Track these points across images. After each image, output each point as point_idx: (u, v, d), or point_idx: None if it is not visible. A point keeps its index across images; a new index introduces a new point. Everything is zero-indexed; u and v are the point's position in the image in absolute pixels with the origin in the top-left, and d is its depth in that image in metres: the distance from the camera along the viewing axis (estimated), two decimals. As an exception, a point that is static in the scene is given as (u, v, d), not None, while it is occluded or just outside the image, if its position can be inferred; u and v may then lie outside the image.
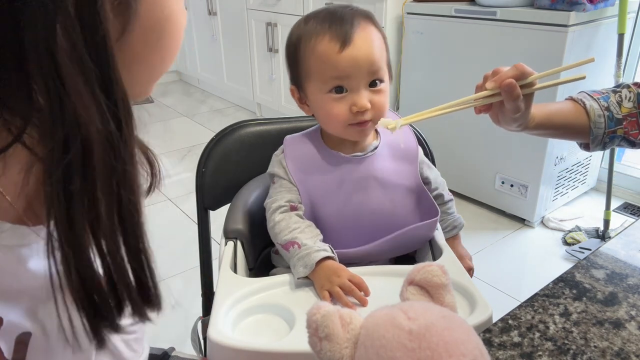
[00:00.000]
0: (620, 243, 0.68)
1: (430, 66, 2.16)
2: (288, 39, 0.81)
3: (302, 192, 0.81)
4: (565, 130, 0.83)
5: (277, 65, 3.09)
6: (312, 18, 0.79)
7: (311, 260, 0.71)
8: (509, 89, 0.67)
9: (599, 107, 0.82)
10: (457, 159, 2.20)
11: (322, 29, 0.75)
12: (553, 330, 0.53)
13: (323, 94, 0.77)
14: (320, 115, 0.80)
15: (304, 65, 0.78)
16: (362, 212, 0.81)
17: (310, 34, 0.76)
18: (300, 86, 0.81)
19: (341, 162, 0.81)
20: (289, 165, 0.82)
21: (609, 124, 0.82)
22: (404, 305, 0.39)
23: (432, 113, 0.71)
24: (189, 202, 2.38)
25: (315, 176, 0.81)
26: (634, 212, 2.16)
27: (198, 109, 3.79)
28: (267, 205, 0.82)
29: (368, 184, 0.81)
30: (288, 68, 0.83)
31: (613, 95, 0.84)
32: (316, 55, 0.75)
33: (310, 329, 0.39)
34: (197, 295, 0.99)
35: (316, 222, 0.81)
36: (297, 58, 0.78)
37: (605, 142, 0.83)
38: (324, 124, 0.82)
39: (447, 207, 0.93)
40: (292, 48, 0.79)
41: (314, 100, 0.79)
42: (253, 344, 0.62)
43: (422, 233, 0.83)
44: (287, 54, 0.82)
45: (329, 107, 0.77)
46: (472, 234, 2.04)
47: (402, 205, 0.83)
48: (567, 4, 1.73)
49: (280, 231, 0.77)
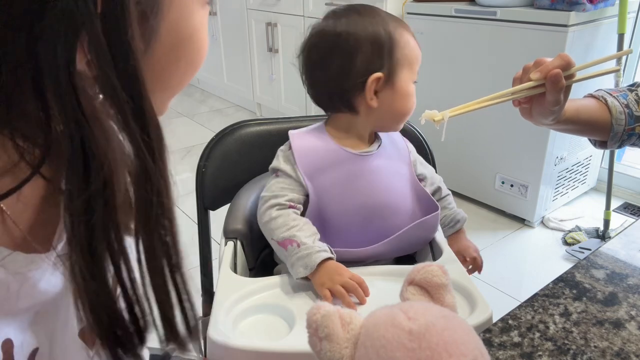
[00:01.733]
0: (620, 243, 0.68)
1: (430, 66, 2.15)
2: (365, 30, 0.78)
3: (310, 188, 0.79)
4: (588, 127, 0.83)
5: (277, 65, 3.09)
6: (368, 12, 0.80)
7: (312, 262, 0.71)
8: (555, 79, 0.67)
9: (619, 104, 0.82)
10: (457, 159, 2.20)
11: (398, 24, 0.80)
12: (553, 330, 0.53)
13: (412, 82, 0.81)
14: (405, 104, 0.81)
15: (402, 53, 0.79)
16: (367, 208, 0.80)
17: (396, 25, 0.79)
18: (390, 74, 0.79)
19: (350, 158, 0.81)
20: (298, 161, 0.80)
21: (629, 121, 0.82)
22: (404, 305, 0.39)
23: (475, 105, 0.71)
24: (189, 202, 2.38)
25: (325, 171, 0.80)
26: (634, 212, 2.16)
27: (198, 109, 3.79)
28: (265, 199, 0.80)
29: (374, 180, 0.81)
30: (366, 59, 0.78)
31: (630, 93, 0.84)
32: (410, 46, 0.80)
33: (310, 329, 0.39)
34: (197, 295, 0.99)
35: (322, 218, 0.80)
36: (394, 46, 0.79)
37: (623, 140, 0.83)
38: (399, 115, 0.82)
39: (446, 202, 0.93)
40: (384, 37, 0.78)
41: (403, 88, 0.80)
42: (253, 343, 0.62)
43: (426, 230, 0.83)
44: (372, 43, 0.78)
45: (413, 95, 0.81)
46: (472, 234, 2.01)
47: (404, 204, 0.83)
48: (567, 4, 1.74)
49: (277, 227, 0.76)
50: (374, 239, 0.80)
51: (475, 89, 2.04)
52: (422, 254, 0.87)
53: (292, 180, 0.80)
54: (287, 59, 3.01)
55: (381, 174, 0.82)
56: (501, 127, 2.02)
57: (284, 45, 2.99)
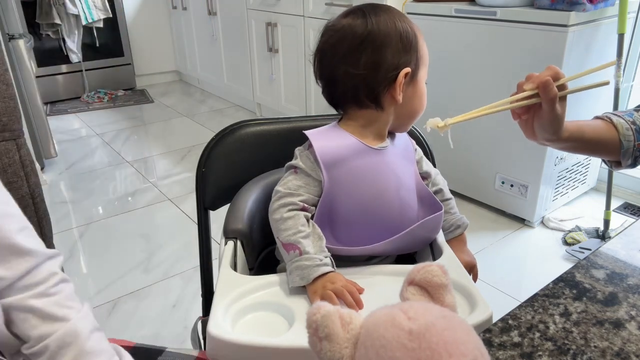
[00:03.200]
0: (620, 243, 0.68)
1: (430, 66, 2.15)
2: (396, 27, 0.80)
3: (327, 181, 0.79)
4: (596, 145, 0.84)
5: (277, 65, 3.09)
6: (387, 10, 0.82)
7: (309, 275, 0.71)
8: (546, 86, 0.71)
9: (624, 121, 0.84)
10: (457, 159, 2.20)
11: (413, 23, 0.83)
12: (553, 330, 0.53)
13: (424, 82, 0.84)
14: (421, 102, 0.84)
15: (422, 52, 0.83)
16: (381, 201, 0.81)
17: (412, 25, 0.82)
18: (415, 71, 0.82)
19: (368, 152, 0.81)
20: (319, 154, 0.80)
21: (637, 137, 0.83)
22: (404, 305, 0.39)
23: (476, 114, 0.75)
24: (189, 202, 2.39)
25: (343, 163, 0.80)
26: (634, 212, 2.16)
27: (198, 109, 3.79)
28: (279, 194, 0.80)
29: (388, 173, 0.82)
30: (397, 54, 0.80)
31: (636, 113, 0.86)
32: (426, 47, 0.84)
33: (310, 329, 0.39)
34: (197, 295, 0.99)
35: (331, 210, 0.80)
36: (417, 44, 0.82)
37: (636, 156, 0.84)
38: (414, 113, 0.85)
39: (448, 206, 0.93)
40: (411, 34, 0.81)
41: (421, 86, 0.84)
42: (252, 339, 0.62)
43: (428, 230, 0.83)
44: (402, 40, 0.80)
45: (425, 95, 0.85)
46: (472, 234, 2.04)
47: (411, 198, 0.84)
48: (567, 4, 1.74)
49: (285, 229, 0.77)
50: (379, 233, 0.80)
51: (475, 89, 2.04)
52: (422, 254, 0.87)
53: (310, 179, 0.80)
54: (287, 59, 3.01)
55: (394, 169, 0.83)
56: (501, 127, 2.02)
57: (284, 45, 2.99)
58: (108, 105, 3.88)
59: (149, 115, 3.67)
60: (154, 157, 2.96)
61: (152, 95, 4.15)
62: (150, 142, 3.19)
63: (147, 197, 2.45)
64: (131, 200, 2.43)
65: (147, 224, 2.22)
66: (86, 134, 3.32)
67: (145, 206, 2.37)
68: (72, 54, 3.85)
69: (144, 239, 2.09)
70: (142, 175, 2.71)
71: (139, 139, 3.23)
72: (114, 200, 2.44)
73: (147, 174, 2.73)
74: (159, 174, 2.74)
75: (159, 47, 4.32)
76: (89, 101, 3.93)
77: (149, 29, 4.21)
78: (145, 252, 1.99)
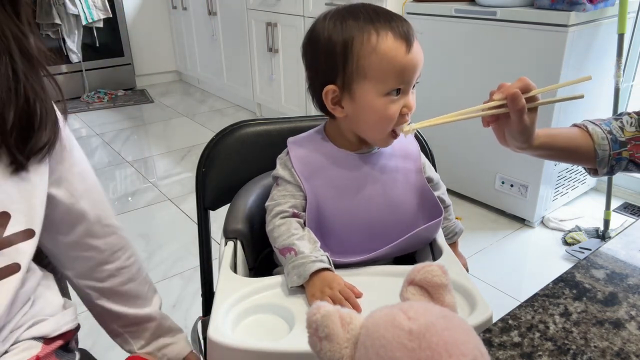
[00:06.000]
0: (620, 243, 0.68)
1: (430, 66, 2.15)
2: (326, 37, 0.73)
3: (308, 192, 0.79)
4: (569, 152, 0.85)
5: (277, 65, 3.09)
6: (349, 15, 0.73)
7: (305, 271, 0.70)
8: (514, 98, 0.70)
9: (601, 130, 0.84)
10: (457, 159, 2.20)
11: (382, 27, 0.71)
12: (553, 330, 0.53)
13: (380, 95, 0.72)
14: (368, 117, 0.75)
15: (360, 63, 0.71)
16: (368, 209, 0.80)
17: (369, 31, 0.71)
18: (345, 86, 0.74)
19: (346, 158, 0.81)
20: (295, 166, 0.80)
21: (613, 146, 0.84)
22: (404, 305, 0.39)
23: (443, 119, 0.74)
24: (189, 202, 2.38)
25: (320, 172, 0.80)
26: (634, 212, 2.16)
27: (198, 109, 3.79)
28: (269, 208, 0.81)
29: (375, 180, 0.81)
30: (323, 67, 0.75)
31: (615, 121, 0.86)
32: (380, 54, 0.70)
33: (310, 329, 0.39)
34: (197, 295, 0.99)
35: (319, 220, 0.80)
36: (348, 56, 0.72)
37: (612, 165, 0.85)
38: (368, 128, 0.77)
39: (447, 212, 0.93)
40: (339, 46, 0.72)
41: (364, 101, 0.73)
42: (253, 343, 0.62)
43: (427, 234, 0.83)
44: (326, 52, 0.74)
45: (383, 108, 0.73)
46: (472, 234, 2.04)
47: (407, 203, 0.83)
48: (567, 4, 1.73)
49: (279, 235, 0.77)
50: (373, 240, 0.80)
51: (474, 89, 2.04)
52: (422, 254, 0.87)
53: (291, 185, 0.80)
54: (287, 59, 3.01)
55: (381, 173, 0.82)
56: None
57: (284, 45, 2.99)
58: (108, 105, 3.88)
59: (149, 115, 3.67)
60: (154, 157, 2.96)
61: (152, 95, 4.15)
62: (150, 142, 3.19)
63: (147, 197, 2.45)
64: (131, 200, 2.43)
65: (147, 224, 2.22)
66: (86, 134, 3.32)
67: (145, 206, 2.37)
68: (72, 54, 3.84)
69: (143, 239, 2.08)
70: (142, 175, 2.71)
71: (139, 139, 3.23)
72: (114, 200, 2.44)
73: (147, 174, 2.73)
74: (159, 174, 2.74)
75: (159, 47, 4.32)
76: (89, 101, 3.93)
77: (149, 29, 4.21)
78: (145, 252, 1.99)
